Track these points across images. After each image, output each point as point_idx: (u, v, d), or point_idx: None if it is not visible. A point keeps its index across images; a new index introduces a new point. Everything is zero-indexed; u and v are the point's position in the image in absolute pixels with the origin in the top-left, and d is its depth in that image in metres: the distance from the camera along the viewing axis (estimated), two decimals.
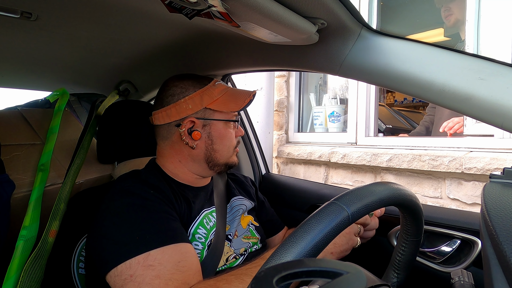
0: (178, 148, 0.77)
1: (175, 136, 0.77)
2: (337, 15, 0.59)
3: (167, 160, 0.79)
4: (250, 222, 0.87)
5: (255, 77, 2.49)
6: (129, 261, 0.57)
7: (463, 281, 0.51)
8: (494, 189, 0.45)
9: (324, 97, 2.46)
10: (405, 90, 0.61)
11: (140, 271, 0.57)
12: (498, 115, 0.51)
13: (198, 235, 0.73)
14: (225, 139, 0.79)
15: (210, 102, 0.76)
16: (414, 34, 2.94)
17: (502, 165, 1.38)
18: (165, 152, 0.79)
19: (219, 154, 0.78)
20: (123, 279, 0.57)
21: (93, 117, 1.02)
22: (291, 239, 0.38)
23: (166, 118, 0.76)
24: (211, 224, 0.76)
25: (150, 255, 0.58)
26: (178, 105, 0.75)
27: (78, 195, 0.89)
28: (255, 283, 0.26)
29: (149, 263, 0.57)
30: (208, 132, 0.77)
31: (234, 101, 0.78)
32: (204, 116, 0.76)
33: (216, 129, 0.78)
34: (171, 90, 0.77)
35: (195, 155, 0.77)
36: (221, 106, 0.77)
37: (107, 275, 0.59)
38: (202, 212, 0.77)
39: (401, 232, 0.60)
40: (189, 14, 0.50)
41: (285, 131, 2.60)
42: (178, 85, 0.77)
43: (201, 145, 0.77)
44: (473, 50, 1.54)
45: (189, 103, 0.75)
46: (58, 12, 0.66)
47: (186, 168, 0.79)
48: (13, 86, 1.26)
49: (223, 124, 0.79)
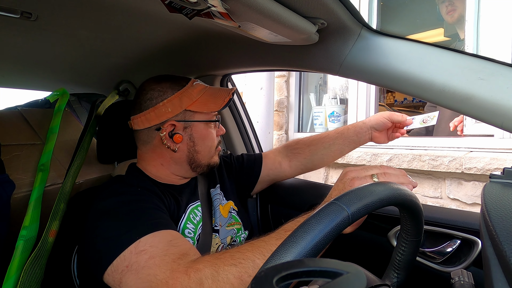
0: (159, 151, 0.76)
1: (156, 140, 0.76)
2: (337, 15, 0.59)
3: (149, 164, 0.78)
4: (231, 208, 0.87)
5: (255, 77, 2.49)
6: (123, 253, 0.57)
7: (463, 281, 0.51)
8: (494, 189, 0.45)
9: (324, 97, 2.46)
10: (405, 90, 0.61)
11: (134, 258, 0.56)
12: (498, 115, 0.51)
13: (188, 230, 0.73)
14: (207, 140, 0.78)
15: (189, 104, 0.74)
16: (414, 34, 2.94)
17: (502, 165, 1.38)
18: (146, 156, 0.78)
19: (201, 155, 0.78)
20: (120, 272, 0.56)
21: (93, 117, 1.02)
22: (291, 239, 0.38)
23: (146, 123, 0.74)
24: (197, 219, 0.77)
25: (140, 242, 0.57)
26: (157, 109, 0.73)
27: (78, 195, 0.89)
28: (255, 283, 0.26)
29: (140, 249, 0.56)
30: (189, 134, 0.76)
31: (213, 100, 0.77)
32: (184, 118, 0.75)
33: (197, 130, 0.77)
34: (148, 94, 0.75)
35: (177, 157, 0.77)
36: (201, 107, 0.75)
37: (104, 275, 0.58)
38: (188, 207, 0.77)
39: (401, 232, 0.60)
40: (189, 14, 0.50)
41: (285, 131, 2.60)
42: (156, 88, 0.75)
43: (183, 148, 0.76)
44: (472, 50, 1.54)
45: (168, 106, 0.73)
46: (58, 12, 0.66)
47: (168, 171, 0.78)
48: (13, 86, 1.26)
49: (204, 124, 0.78)
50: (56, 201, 0.81)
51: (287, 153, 1.01)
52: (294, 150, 1.00)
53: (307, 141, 1.00)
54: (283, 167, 1.00)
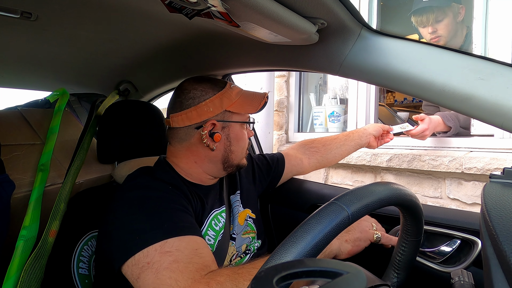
0: (195, 149, 0.78)
1: (195, 138, 0.77)
2: (337, 15, 0.59)
3: (181, 161, 0.79)
4: (247, 216, 0.88)
5: (255, 77, 2.49)
6: (147, 249, 0.57)
7: (463, 281, 0.51)
8: (494, 189, 0.45)
9: (324, 97, 2.46)
10: (405, 90, 0.61)
11: (157, 257, 0.56)
12: (498, 115, 0.51)
13: (208, 237, 0.73)
14: (241, 141, 0.81)
15: (229, 105, 0.77)
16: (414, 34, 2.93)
17: (502, 165, 1.38)
18: (180, 153, 0.79)
19: (235, 155, 0.80)
20: (140, 267, 0.56)
21: (93, 117, 1.02)
22: (291, 239, 0.38)
23: (186, 121, 0.76)
24: (220, 225, 0.77)
25: (167, 243, 0.58)
26: (199, 107, 0.75)
27: (78, 195, 0.89)
28: (255, 283, 0.26)
29: (166, 250, 0.57)
30: (227, 134, 0.78)
31: (250, 103, 0.79)
32: (224, 118, 0.77)
33: (234, 130, 0.79)
34: (191, 93, 0.76)
35: (213, 156, 0.78)
36: (239, 108, 0.78)
37: (123, 266, 0.58)
38: (212, 213, 0.78)
39: (401, 232, 0.60)
40: (189, 14, 0.50)
41: (285, 131, 2.60)
42: (198, 88, 0.77)
43: (220, 147, 0.78)
44: (480, 49, 1.53)
45: (210, 106, 0.75)
46: (58, 12, 0.66)
47: (201, 169, 0.79)
48: (13, 86, 1.26)
49: (240, 126, 0.81)
50: (56, 201, 0.81)
51: (305, 151, 1.12)
52: (311, 149, 1.13)
53: (322, 141, 1.15)
54: (304, 164, 1.11)
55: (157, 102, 1.37)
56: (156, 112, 1.04)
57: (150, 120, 1.01)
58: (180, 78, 1.11)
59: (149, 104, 1.06)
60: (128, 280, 0.58)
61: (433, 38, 1.70)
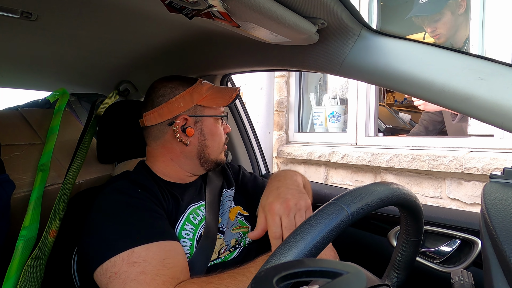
0: (170, 146, 0.79)
1: (168, 135, 0.79)
2: (337, 15, 0.59)
3: (158, 160, 0.80)
4: (238, 213, 0.88)
5: (255, 77, 2.49)
6: (114, 258, 0.58)
7: (463, 281, 0.51)
8: (494, 189, 0.45)
9: (324, 97, 2.46)
10: (405, 90, 0.61)
11: (124, 268, 0.57)
12: (498, 115, 0.51)
13: (185, 231, 0.74)
14: (216, 135, 0.82)
15: (200, 99, 0.79)
16: (414, 34, 2.94)
17: (502, 165, 1.38)
18: (156, 152, 0.81)
19: (210, 149, 0.81)
20: (108, 277, 0.57)
21: (93, 117, 1.02)
22: (291, 239, 0.38)
23: (158, 118, 0.78)
24: (198, 219, 0.77)
25: (134, 252, 0.58)
26: (169, 104, 0.77)
27: (78, 195, 0.89)
28: (255, 283, 0.26)
29: (133, 260, 0.57)
30: (200, 129, 0.80)
31: (221, 97, 0.81)
32: (195, 113, 0.79)
33: (207, 125, 0.81)
34: (160, 90, 0.79)
35: (188, 151, 0.79)
36: (210, 102, 0.80)
37: (94, 274, 0.59)
38: (189, 207, 0.78)
39: (401, 232, 0.60)
40: (189, 14, 0.50)
41: (285, 131, 2.60)
42: (167, 85, 0.79)
43: (194, 142, 0.79)
44: (477, 49, 1.54)
45: (180, 101, 0.77)
46: (58, 12, 0.66)
47: (178, 166, 0.81)
48: (13, 86, 1.26)
49: (213, 120, 0.82)
50: (56, 201, 0.81)
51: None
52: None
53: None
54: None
55: None
56: None
57: None
58: None
59: None
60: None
61: (434, 36, 1.76)
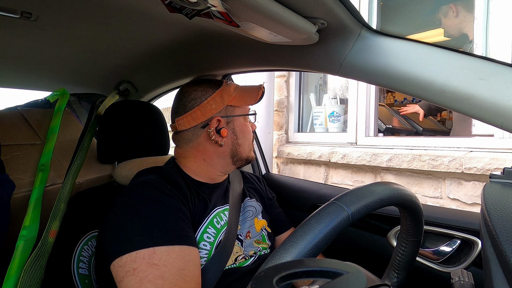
0: (203, 148, 0.81)
1: (202, 137, 0.80)
2: (337, 15, 0.59)
3: (190, 160, 0.81)
4: (264, 227, 0.89)
5: (255, 77, 2.49)
6: (135, 254, 0.58)
7: (463, 281, 0.51)
8: (494, 189, 0.45)
9: (324, 97, 2.46)
10: (405, 90, 0.61)
11: (143, 266, 0.57)
12: (498, 115, 0.51)
13: (207, 235, 0.73)
14: (246, 133, 0.84)
15: (229, 100, 0.81)
16: (414, 34, 2.94)
17: (502, 165, 1.38)
18: (187, 153, 0.82)
19: (242, 148, 0.83)
20: (125, 271, 0.57)
21: (93, 117, 1.02)
22: (291, 239, 0.38)
23: (192, 122, 0.79)
24: (222, 223, 0.77)
25: (155, 253, 0.58)
26: (202, 107, 0.79)
27: (78, 195, 0.89)
28: (255, 283, 0.26)
29: (153, 262, 0.57)
30: (232, 128, 0.82)
31: (249, 95, 0.83)
32: (227, 113, 0.81)
33: (238, 124, 0.83)
34: (191, 95, 0.80)
35: (221, 151, 0.81)
36: (239, 101, 0.82)
37: (112, 263, 0.59)
38: (214, 210, 0.78)
39: (401, 232, 0.60)
40: (189, 14, 0.50)
41: (285, 131, 2.60)
42: (197, 89, 0.81)
43: (227, 142, 0.81)
44: (481, 49, 1.53)
45: (212, 103, 0.79)
46: (58, 12, 0.66)
47: (210, 166, 0.82)
48: (13, 86, 1.26)
49: (243, 119, 0.85)
50: (56, 201, 0.81)
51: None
52: None
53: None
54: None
55: (157, 102, 1.37)
56: (156, 112, 1.04)
57: (150, 120, 1.01)
58: (180, 78, 1.11)
59: (149, 104, 1.06)
60: (114, 279, 0.59)
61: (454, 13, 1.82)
